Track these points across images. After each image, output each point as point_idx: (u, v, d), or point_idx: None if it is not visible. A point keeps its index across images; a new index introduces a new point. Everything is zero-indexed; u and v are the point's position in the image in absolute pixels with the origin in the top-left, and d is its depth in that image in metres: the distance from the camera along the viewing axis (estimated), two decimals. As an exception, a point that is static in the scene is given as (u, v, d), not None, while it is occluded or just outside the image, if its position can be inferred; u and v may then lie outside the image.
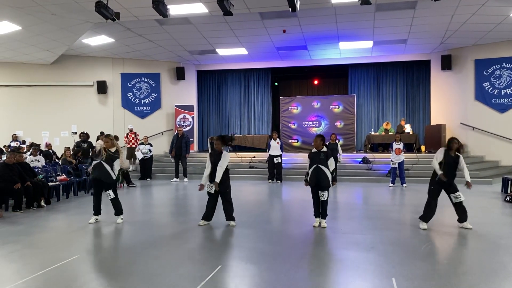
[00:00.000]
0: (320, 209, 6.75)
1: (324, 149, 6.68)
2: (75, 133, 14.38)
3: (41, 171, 10.07)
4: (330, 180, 6.62)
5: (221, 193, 6.80)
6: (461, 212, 6.59)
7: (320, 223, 6.74)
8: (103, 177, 7.11)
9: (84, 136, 13.51)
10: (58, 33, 12.29)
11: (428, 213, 6.64)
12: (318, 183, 6.62)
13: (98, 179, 7.15)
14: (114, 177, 7.20)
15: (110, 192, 7.21)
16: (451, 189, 6.59)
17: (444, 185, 6.58)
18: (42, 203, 8.97)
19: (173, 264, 4.87)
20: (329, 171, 6.61)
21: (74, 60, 16.32)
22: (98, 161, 7.11)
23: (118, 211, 7.33)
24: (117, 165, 7.23)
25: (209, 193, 6.84)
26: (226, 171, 6.82)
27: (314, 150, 6.77)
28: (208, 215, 6.97)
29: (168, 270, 4.68)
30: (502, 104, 14.19)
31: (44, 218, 7.88)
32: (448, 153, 6.62)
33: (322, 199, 6.66)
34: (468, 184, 6.70)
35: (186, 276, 4.47)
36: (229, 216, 6.90)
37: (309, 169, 6.70)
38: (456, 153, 6.61)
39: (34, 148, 11.45)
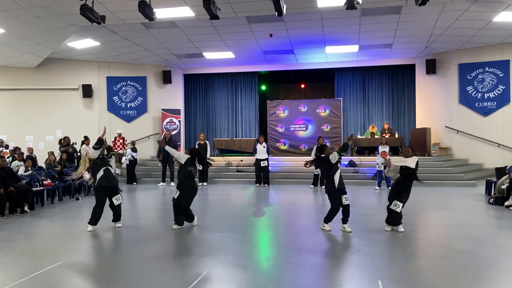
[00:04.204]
0: (345, 214, 6.64)
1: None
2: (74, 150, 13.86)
3: (25, 176, 9.90)
4: None
5: (178, 200, 6.89)
6: (395, 219, 6.60)
7: (344, 228, 6.65)
8: (113, 182, 7.06)
9: (67, 141, 13.38)
10: (43, 36, 12.15)
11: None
12: (344, 187, 6.64)
13: (108, 186, 7.01)
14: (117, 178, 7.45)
15: (119, 196, 7.20)
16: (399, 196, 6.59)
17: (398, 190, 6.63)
18: (26, 208, 8.83)
19: (159, 269, 4.84)
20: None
21: (59, 63, 16.12)
22: (105, 167, 7.01)
23: (119, 216, 7.25)
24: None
25: (173, 199, 6.98)
26: (186, 183, 6.93)
27: (324, 155, 6.87)
28: (178, 220, 7.02)
29: (155, 275, 4.64)
30: (485, 107, 14.42)
31: (28, 223, 7.76)
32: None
33: (347, 202, 6.62)
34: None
35: (173, 281, 4.44)
36: (187, 218, 7.07)
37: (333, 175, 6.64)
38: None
39: (19, 153, 11.27)
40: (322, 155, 6.89)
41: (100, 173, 6.98)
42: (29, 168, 10.28)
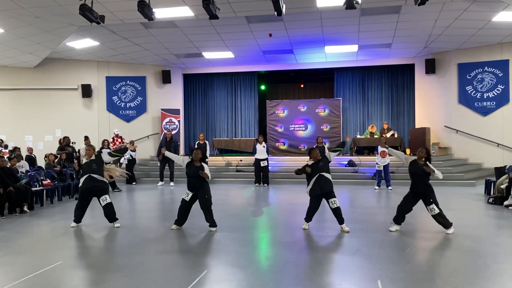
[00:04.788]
0: (336, 217, 6.68)
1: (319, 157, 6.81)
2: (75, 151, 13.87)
3: (24, 176, 9.89)
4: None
5: (200, 200, 6.79)
6: (442, 221, 6.52)
7: (342, 228, 6.66)
8: (96, 186, 7.12)
9: (67, 141, 13.36)
10: (42, 36, 12.14)
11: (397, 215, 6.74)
12: (324, 191, 6.66)
13: (90, 189, 7.13)
14: (106, 181, 7.34)
15: (107, 196, 7.20)
16: (426, 201, 6.58)
17: (419, 195, 6.67)
18: (25, 208, 8.82)
19: (158, 269, 4.83)
20: (330, 175, 6.78)
21: (58, 63, 16.11)
22: (87, 175, 7.11)
23: (113, 216, 7.25)
24: (105, 157, 7.38)
25: (183, 200, 6.91)
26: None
27: (311, 162, 6.85)
28: (180, 221, 6.99)
29: (154, 275, 4.63)
30: (484, 107, 14.42)
31: (27, 223, 7.75)
32: (415, 162, 6.77)
33: (335, 206, 6.64)
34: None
35: (172, 281, 4.43)
36: (210, 222, 6.87)
37: (311, 179, 6.75)
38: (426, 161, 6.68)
39: (18, 153, 11.25)
40: (311, 162, 6.86)
41: (84, 176, 7.15)
42: (15, 167, 10.20)
